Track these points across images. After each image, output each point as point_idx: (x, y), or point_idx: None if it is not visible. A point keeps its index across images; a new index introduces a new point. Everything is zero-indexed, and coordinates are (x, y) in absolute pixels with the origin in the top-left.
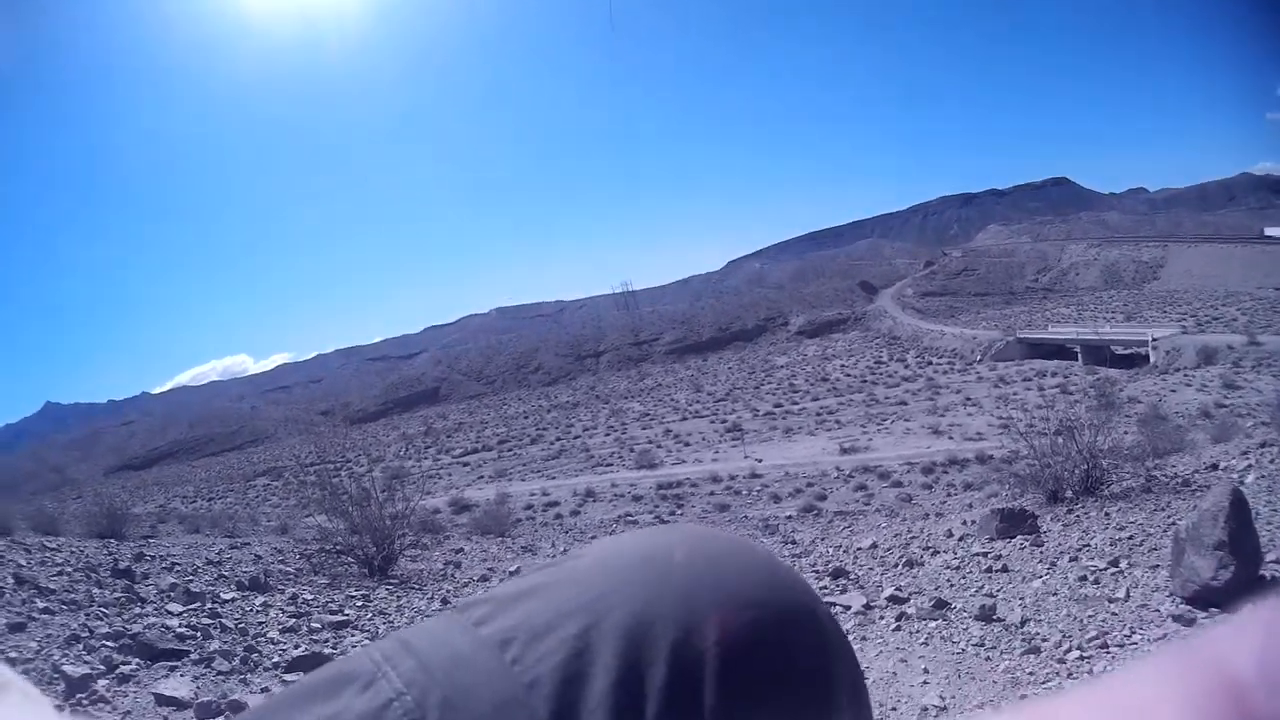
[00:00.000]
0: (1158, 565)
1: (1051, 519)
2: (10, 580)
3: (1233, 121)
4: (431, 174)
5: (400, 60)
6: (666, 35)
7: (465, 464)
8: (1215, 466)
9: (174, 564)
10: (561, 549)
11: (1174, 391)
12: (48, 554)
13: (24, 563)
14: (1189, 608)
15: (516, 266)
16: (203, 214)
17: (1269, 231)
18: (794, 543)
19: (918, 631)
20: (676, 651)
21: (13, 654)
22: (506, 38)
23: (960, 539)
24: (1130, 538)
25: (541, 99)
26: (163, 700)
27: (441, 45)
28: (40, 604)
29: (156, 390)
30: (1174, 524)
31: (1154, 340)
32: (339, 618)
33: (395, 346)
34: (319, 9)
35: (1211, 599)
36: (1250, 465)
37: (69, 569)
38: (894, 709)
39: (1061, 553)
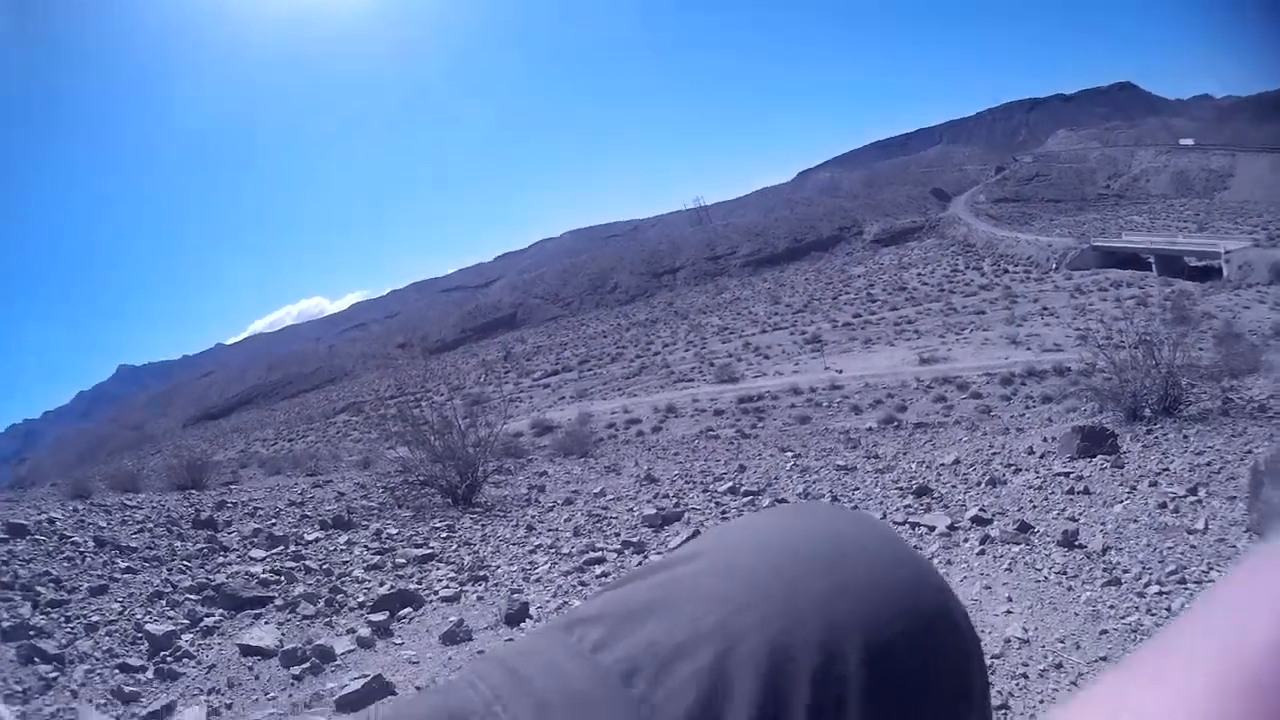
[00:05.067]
0: (1235, 496)
1: (1131, 439)
2: (90, 543)
3: None
4: (497, 102)
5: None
6: None
7: (546, 386)
8: None
9: (256, 509)
10: (645, 469)
11: (1247, 308)
12: (128, 512)
13: (104, 524)
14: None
15: (588, 189)
16: (270, 160)
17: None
18: (876, 457)
19: (1001, 556)
20: (819, 678)
21: (95, 617)
22: None
23: (1041, 456)
24: (1209, 464)
25: (604, 13)
26: (247, 650)
27: None
28: (122, 564)
29: (231, 340)
30: (1250, 453)
31: (1226, 253)
32: (423, 551)
33: (470, 276)
34: None
35: None
36: None
37: (150, 525)
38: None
39: (1142, 476)
